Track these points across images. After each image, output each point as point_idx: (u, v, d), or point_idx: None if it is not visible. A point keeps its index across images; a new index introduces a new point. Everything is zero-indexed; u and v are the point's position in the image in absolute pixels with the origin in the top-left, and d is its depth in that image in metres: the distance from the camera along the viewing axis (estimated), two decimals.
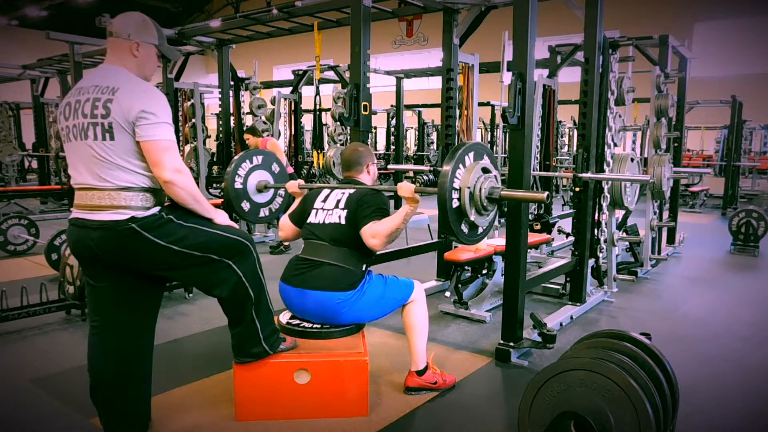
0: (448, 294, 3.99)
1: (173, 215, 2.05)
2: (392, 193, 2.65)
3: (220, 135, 6.99)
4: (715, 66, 14.17)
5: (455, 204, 2.34)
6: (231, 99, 6.81)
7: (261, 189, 3.26)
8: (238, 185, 3.16)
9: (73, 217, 2.01)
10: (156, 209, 2.02)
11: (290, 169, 5.82)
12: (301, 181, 3.02)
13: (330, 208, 2.67)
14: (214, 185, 9.70)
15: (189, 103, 7.89)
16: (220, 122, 7.05)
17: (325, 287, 2.52)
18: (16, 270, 5.24)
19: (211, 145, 10.60)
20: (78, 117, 1.94)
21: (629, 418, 1.77)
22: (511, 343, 3.15)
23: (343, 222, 2.59)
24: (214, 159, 9.91)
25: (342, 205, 2.64)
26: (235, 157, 3.22)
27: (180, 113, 7.75)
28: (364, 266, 2.63)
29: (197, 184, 8.74)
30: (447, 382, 2.78)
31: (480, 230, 2.53)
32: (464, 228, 2.43)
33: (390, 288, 2.66)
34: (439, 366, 2.86)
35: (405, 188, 2.50)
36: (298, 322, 2.64)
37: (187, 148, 8.17)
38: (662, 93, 5.18)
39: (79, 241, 2.01)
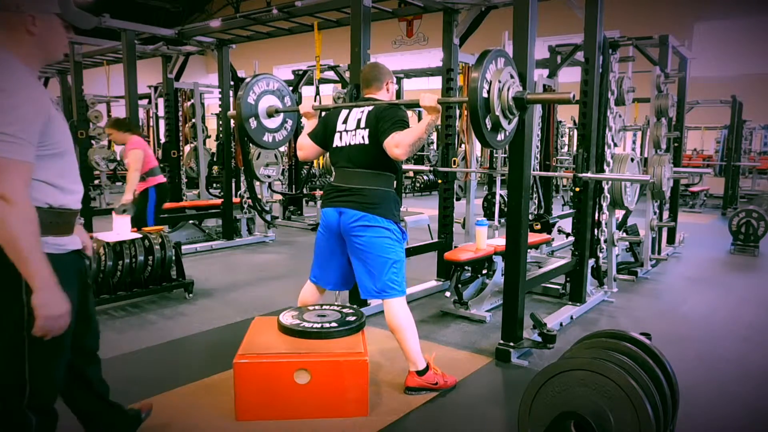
0: (448, 294, 3.99)
1: None
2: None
3: (220, 135, 6.98)
4: (715, 66, 14.16)
5: (485, 94, 2.39)
6: (231, 99, 6.80)
7: (271, 113, 3.27)
8: (251, 101, 3.17)
9: None
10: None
11: (140, 187, 4.74)
12: (315, 103, 3.02)
13: (352, 129, 2.71)
14: (214, 185, 9.71)
15: (189, 103, 7.90)
16: (220, 122, 7.05)
17: (363, 208, 2.62)
18: None
19: (211, 145, 10.60)
20: None
21: (629, 418, 1.77)
22: (511, 343, 3.15)
23: (366, 142, 2.65)
24: (214, 159, 9.92)
25: (363, 124, 2.68)
26: (252, 77, 3.20)
27: (180, 113, 7.75)
28: (395, 183, 2.74)
29: (197, 184, 8.68)
30: (448, 383, 2.77)
31: (500, 136, 2.58)
32: (488, 123, 2.47)
33: (400, 267, 2.71)
34: (439, 366, 2.85)
35: (427, 98, 2.51)
36: (298, 322, 2.63)
37: (187, 148, 8.19)
38: (662, 93, 5.18)
39: None
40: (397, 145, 2.50)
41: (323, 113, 2.99)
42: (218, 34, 6.36)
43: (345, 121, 2.75)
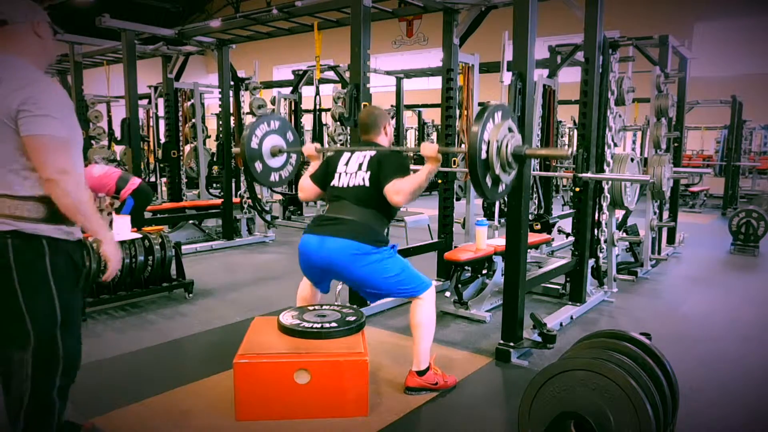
0: (448, 294, 3.99)
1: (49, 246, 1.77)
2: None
3: (220, 135, 6.98)
4: (715, 66, 14.15)
5: (483, 156, 2.41)
6: (231, 99, 6.80)
7: (275, 153, 3.31)
8: (254, 145, 3.20)
9: None
10: (46, 227, 1.76)
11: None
12: (318, 145, 3.07)
13: (353, 171, 2.74)
14: (214, 185, 9.70)
15: (189, 103, 7.90)
16: (220, 122, 7.05)
17: (346, 236, 2.58)
18: None
19: (211, 145, 10.60)
20: None
21: (629, 418, 1.77)
22: (511, 343, 3.15)
23: (367, 184, 2.67)
24: (214, 159, 9.91)
25: (365, 167, 2.71)
26: (254, 119, 3.27)
27: (180, 113, 7.75)
28: (386, 229, 2.72)
29: (197, 184, 8.72)
30: (447, 383, 2.77)
31: (501, 188, 2.59)
32: (488, 181, 2.49)
33: (407, 273, 2.70)
34: (440, 366, 2.85)
35: (428, 148, 2.56)
36: (298, 322, 2.63)
37: (187, 148, 8.19)
38: (662, 93, 5.18)
39: None
40: (398, 192, 2.56)
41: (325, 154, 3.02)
42: (218, 34, 6.36)
43: (347, 163, 2.79)
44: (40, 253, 1.76)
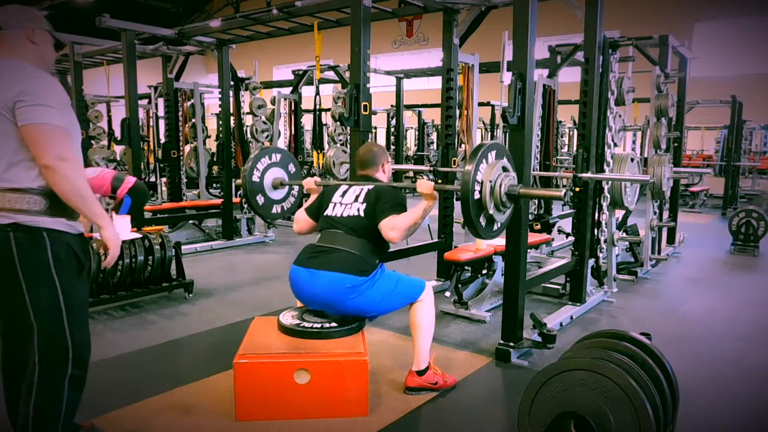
0: (448, 294, 3.99)
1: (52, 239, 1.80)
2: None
3: (220, 135, 6.98)
4: (715, 66, 14.15)
5: (476, 196, 2.41)
6: (231, 99, 6.80)
7: (276, 186, 3.36)
8: (255, 179, 3.23)
9: None
10: (46, 219, 1.79)
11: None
12: (318, 179, 3.10)
13: (349, 202, 2.73)
14: (214, 185, 9.70)
15: (189, 103, 7.89)
16: (220, 122, 7.05)
17: (337, 269, 2.56)
18: None
19: (211, 145, 10.60)
20: None
21: (629, 418, 1.77)
22: (511, 343, 3.15)
23: (362, 215, 2.66)
24: (214, 159, 9.91)
25: (361, 199, 2.71)
26: (256, 152, 3.30)
27: (180, 113, 7.75)
28: (378, 260, 2.68)
29: (197, 184, 8.72)
30: (447, 383, 2.77)
31: (496, 226, 2.59)
32: (482, 221, 2.49)
33: (401, 285, 2.70)
34: (440, 366, 2.85)
35: (424, 185, 2.58)
36: (298, 322, 2.63)
37: (187, 148, 8.18)
38: (662, 93, 5.18)
39: None
40: (393, 228, 2.54)
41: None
42: (218, 34, 6.36)
43: (342, 195, 2.79)
44: (42, 245, 1.78)
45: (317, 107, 7.36)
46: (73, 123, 1.85)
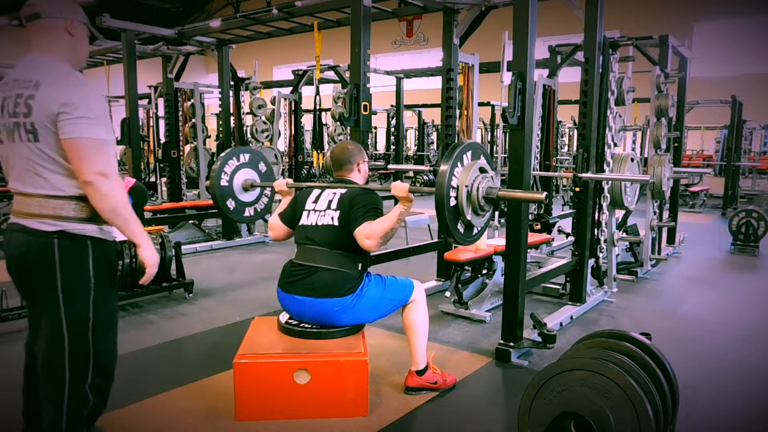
0: (448, 294, 3.99)
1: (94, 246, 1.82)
2: (388, 193, 2.62)
3: (220, 135, 6.99)
4: (715, 66, 14.16)
5: (452, 203, 2.31)
6: (231, 99, 6.80)
7: (247, 188, 3.23)
8: (224, 182, 3.13)
9: (10, 222, 1.85)
10: (92, 227, 1.80)
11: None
12: (290, 180, 3.02)
13: (322, 209, 2.63)
14: None
15: (189, 103, 7.89)
16: (220, 122, 7.05)
17: (322, 294, 2.49)
18: None
19: (211, 145, 10.60)
20: (5, 116, 1.76)
21: (629, 418, 1.77)
22: (511, 343, 3.15)
23: (336, 224, 2.56)
24: (214, 159, 9.90)
25: (334, 206, 2.60)
26: (222, 155, 3.19)
27: (180, 113, 7.75)
28: (360, 266, 2.59)
29: (197, 184, 8.70)
30: (447, 383, 2.78)
31: (475, 231, 2.50)
32: (460, 228, 2.40)
33: (389, 289, 2.65)
34: (440, 366, 2.85)
35: (398, 187, 2.46)
36: (296, 322, 2.63)
37: (187, 148, 8.18)
38: (662, 93, 5.18)
39: (3, 246, 1.87)
40: (368, 236, 2.42)
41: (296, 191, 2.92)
42: (218, 34, 6.37)
43: (315, 201, 2.68)
44: (85, 254, 1.80)
45: (317, 107, 7.36)
46: (110, 129, 1.83)
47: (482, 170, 2.43)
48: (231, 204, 3.20)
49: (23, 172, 1.76)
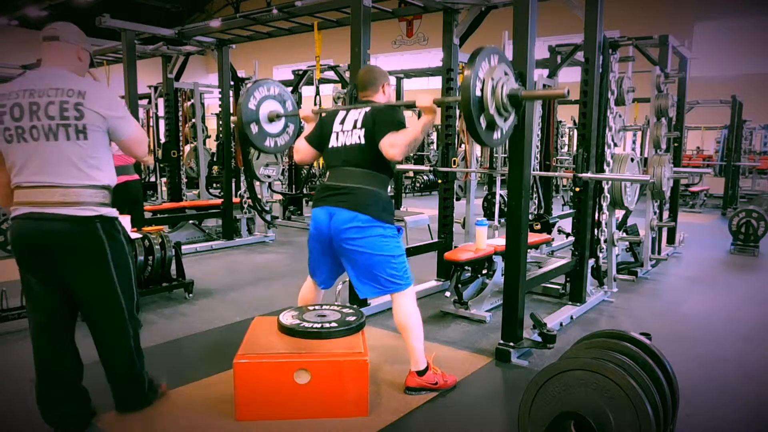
0: (448, 294, 3.99)
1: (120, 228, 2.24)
2: None
3: (220, 135, 6.98)
4: (715, 66, 14.16)
5: (477, 93, 2.38)
6: (231, 99, 6.80)
7: (272, 118, 3.29)
8: (252, 106, 3.18)
9: (27, 212, 2.08)
10: (116, 211, 2.22)
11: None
12: (315, 107, 3.04)
13: (349, 129, 2.71)
14: (214, 185, 9.70)
15: (189, 103, 7.90)
16: (220, 122, 7.05)
17: (354, 207, 2.58)
18: (16, 270, 5.23)
19: (211, 145, 10.60)
20: (40, 119, 2.03)
21: (629, 418, 1.77)
22: (511, 343, 3.15)
23: (362, 142, 2.64)
24: (214, 159, 9.91)
25: (359, 124, 2.67)
26: (253, 82, 3.25)
27: (180, 113, 7.75)
28: (390, 188, 2.69)
29: (197, 184, 8.71)
30: (448, 383, 2.77)
31: (495, 135, 2.56)
32: (482, 122, 2.45)
33: (402, 262, 2.70)
34: (440, 366, 2.85)
35: (423, 98, 2.55)
36: (298, 322, 2.63)
37: (187, 148, 8.19)
38: (662, 93, 5.18)
39: (29, 234, 2.11)
40: (393, 145, 2.51)
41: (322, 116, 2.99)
42: (218, 34, 6.36)
43: (342, 122, 2.75)
44: (119, 232, 2.20)
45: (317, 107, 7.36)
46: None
47: (506, 73, 2.51)
48: (254, 128, 3.25)
49: (60, 166, 2.05)
